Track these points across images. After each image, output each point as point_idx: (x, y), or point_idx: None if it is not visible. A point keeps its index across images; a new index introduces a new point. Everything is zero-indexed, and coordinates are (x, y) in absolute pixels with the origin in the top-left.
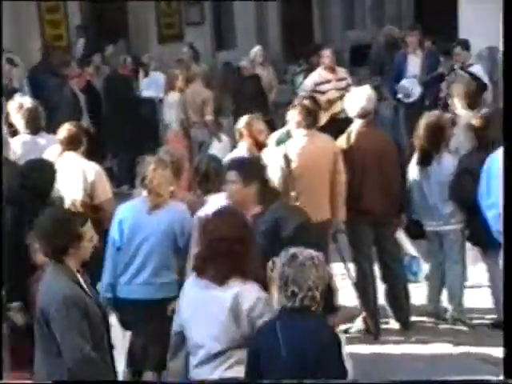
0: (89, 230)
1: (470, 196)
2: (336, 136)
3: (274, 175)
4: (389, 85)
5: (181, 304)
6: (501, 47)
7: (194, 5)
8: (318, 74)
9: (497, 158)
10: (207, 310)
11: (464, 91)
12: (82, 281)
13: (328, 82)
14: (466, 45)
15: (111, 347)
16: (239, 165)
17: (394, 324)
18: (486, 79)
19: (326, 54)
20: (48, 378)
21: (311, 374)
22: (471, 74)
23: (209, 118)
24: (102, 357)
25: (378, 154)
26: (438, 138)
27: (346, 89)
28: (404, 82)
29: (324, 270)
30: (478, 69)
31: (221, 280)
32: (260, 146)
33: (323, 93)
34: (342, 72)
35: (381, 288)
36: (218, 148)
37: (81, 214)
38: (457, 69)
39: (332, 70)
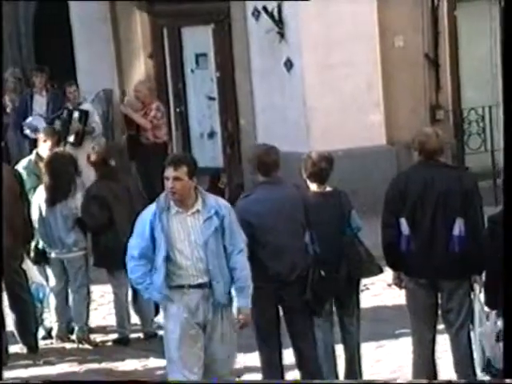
0: None
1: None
2: None
3: None
4: (13, 122)
5: None
6: (116, 90)
7: None
8: None
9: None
10: None
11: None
12: None
13: None
14: (75, 85)
15: None
16: None
17: (22, 348)
18: (95, 115)
19: None
20: None
21: None
22: (81, 111)
23: None
24: None
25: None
26: (60, 175)
27: None
28: (30, 120)
29: None
30: (87, 106)
31: None
32: None
33: None
34: None
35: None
36: None
37: None
38: (68, 107)
39: None
